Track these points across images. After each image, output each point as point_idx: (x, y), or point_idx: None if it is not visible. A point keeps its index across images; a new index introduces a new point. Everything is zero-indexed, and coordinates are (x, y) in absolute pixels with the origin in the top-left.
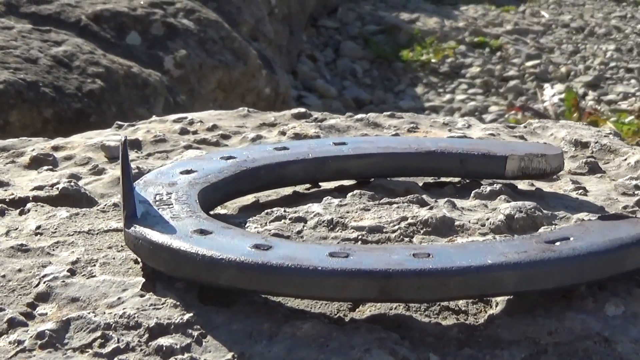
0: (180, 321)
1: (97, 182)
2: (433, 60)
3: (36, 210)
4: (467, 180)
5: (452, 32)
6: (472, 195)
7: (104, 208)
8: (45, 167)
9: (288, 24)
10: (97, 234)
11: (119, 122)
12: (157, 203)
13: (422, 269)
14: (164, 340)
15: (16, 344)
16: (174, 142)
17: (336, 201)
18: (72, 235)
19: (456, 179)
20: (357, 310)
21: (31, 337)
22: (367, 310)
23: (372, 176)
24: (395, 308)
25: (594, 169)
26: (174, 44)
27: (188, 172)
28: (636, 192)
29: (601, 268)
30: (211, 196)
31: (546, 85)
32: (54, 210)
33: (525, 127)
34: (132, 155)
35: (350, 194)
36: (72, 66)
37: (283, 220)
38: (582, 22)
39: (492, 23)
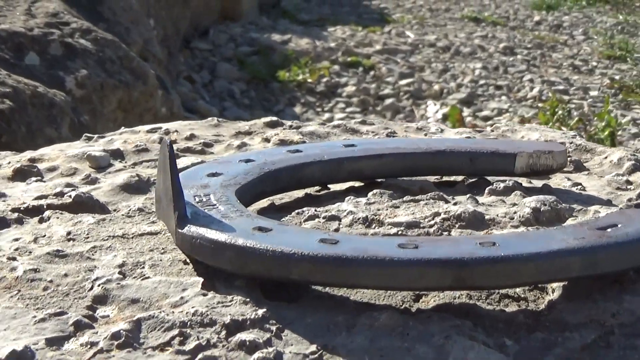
0: (255, 317)
1: (97, 191)
2: (309, 80)
3: (58, 218)
4: (471, 179)
5: (325, 52)
6: (486, 192)
7: (128, 213)
8: (34, 179)
9: (166, 46)
10: (132, 237)
11: (88, 135)
12: (199, 204)
13: (495, 256)
14: (244, 336)
15: (89, 346)
16: (157, 152)
17: (364, 199)
18: (106, 239)
19: (460, 178)
20: (420, 300)
21: (105, 338)
22: (431, 300)
23: (385, 176)
24: (459, 297)
25: (579, 167)
26: (74, 64)
27: (215, 174)
28: (629, 187)
29: None
30: (243, 197)
31: (429, 102)
32: (76, 217)
33: (492, 130)
34: (118, 165)
35: (371, 193)
36: None
37: (317, 219)
38: (447, 42)
39: (362, 43)
